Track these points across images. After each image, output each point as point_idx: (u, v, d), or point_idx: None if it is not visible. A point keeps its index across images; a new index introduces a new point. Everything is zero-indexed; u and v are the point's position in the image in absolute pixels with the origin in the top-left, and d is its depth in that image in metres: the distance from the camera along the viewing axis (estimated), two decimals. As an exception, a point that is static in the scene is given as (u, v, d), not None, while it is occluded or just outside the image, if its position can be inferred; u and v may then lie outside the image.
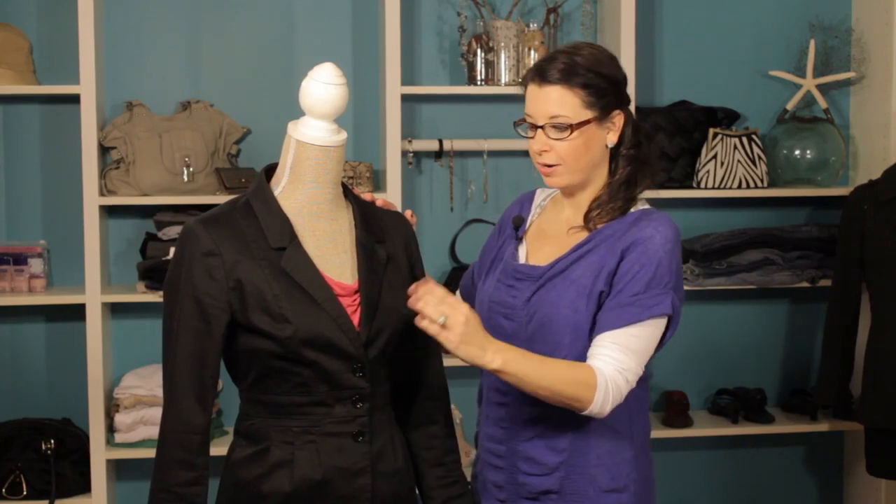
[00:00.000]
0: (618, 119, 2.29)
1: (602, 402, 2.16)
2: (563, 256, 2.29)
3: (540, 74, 2.26)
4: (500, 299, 2.33)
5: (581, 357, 2.22)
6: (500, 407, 2.35)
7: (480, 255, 2.53)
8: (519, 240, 2.40)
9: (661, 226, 2.25)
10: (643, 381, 2.31)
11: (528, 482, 2.31)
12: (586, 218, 2.31)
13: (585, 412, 2.17)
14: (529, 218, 2.45)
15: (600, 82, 2.25)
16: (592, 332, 2.24)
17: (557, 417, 2.27)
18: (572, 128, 2.23)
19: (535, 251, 2.37)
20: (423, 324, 2.07)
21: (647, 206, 2.34)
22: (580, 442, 2.28)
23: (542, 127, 2.26)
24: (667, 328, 2.26)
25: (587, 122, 2.24)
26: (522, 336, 2.29)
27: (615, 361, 2.18)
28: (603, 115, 2.26)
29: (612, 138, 2.30)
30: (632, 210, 2.31)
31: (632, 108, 2.38)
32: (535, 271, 2.31)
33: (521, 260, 2.37)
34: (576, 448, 2.28)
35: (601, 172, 2.32)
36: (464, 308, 2.08)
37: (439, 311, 2.06)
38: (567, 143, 2.24)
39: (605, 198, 2.31)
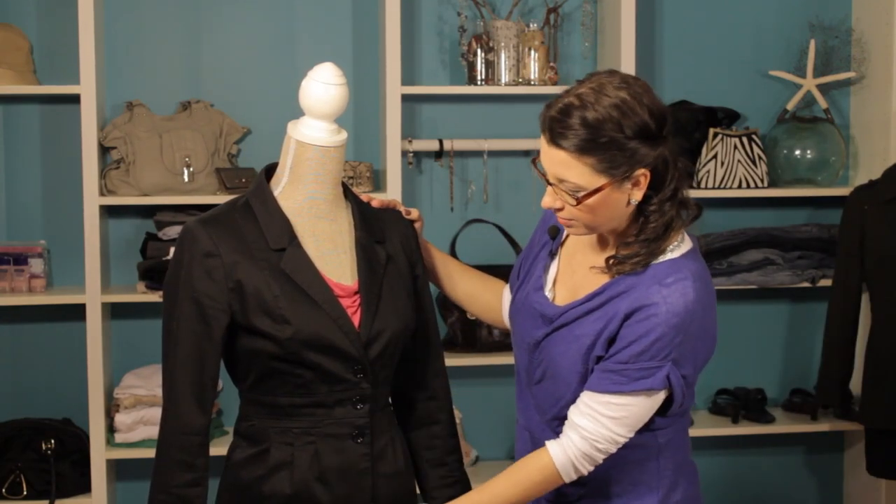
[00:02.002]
0: (643, 179, 2.02)
1: (572, 472, 2.10)
2: (575, 305, 2.13)
3: (550, 132, 2.00)
4: (519, 330, 2.24)
5: None
6: (524, 430, 2.28)
7: (528, 245, 2.37)
8: (553, 255, 2.25)
9: (672, 296, 2.03)
10: (677, 416, 2.19)
11: None
12: (607, 263, 2.10)
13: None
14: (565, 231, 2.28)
15: (619, 143, 1.98)
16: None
17: None
18: (578, 200, 2.01)
19: (564, 278, 2.22)
20: None
21: (678, 253, 2.10)
22: (601, 476, 2.17)
23: (552, 184, 2.04)
24: (672, 399, 2.10)
25: (599, 189, 2.00)
26: (533, 377, 2.21)
27: (584, 431, 2.07)
28: (621, 177, 2.00)
29: (636, 195, 2.03)
30: (657, 261, 2.08)
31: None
32: (549, 312, 2.17)
33: (548, 286, 2.23)
34: (596, 481, 2.18)
35: (630, 220, 2.10)
36: None
37: None
38: (576, 208, 2.03)
39: (631, 250, 2.08)
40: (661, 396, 2.09)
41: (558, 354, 2.13)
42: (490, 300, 2.45)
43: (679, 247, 2.11)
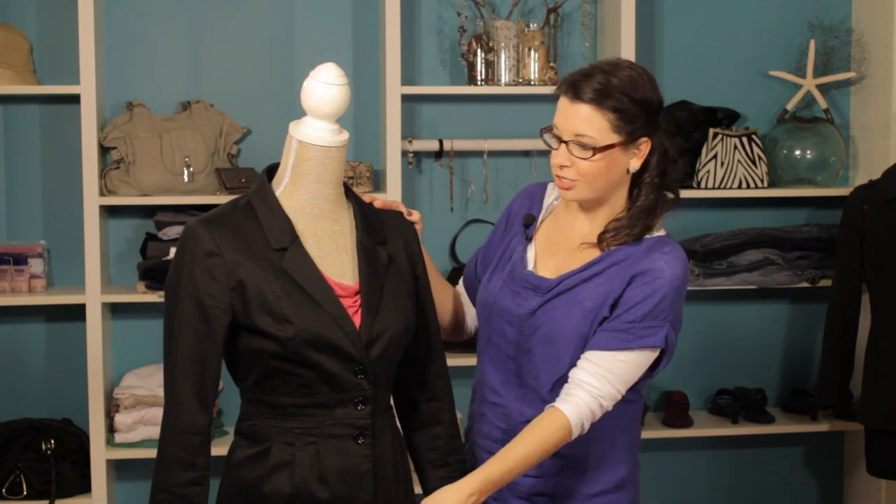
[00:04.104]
0: (644, 146, 2.26)
1: (579, 430, 2.21)
2: (573, 273, 2.28)
3: (574, 89, 2.23)
4: (506, 306, 2.33)
5: None
6: (495, 407, 2.36)
7: (485, 246, 2.51)
8: (528, 240, 2.39)
9: (673, 261, 2.25)
10: (637, 391, 2.34)
11: (521, 482, 2.32)
12: (600, 238, 2.29)
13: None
14: (539, 217, 2.42)
15: (632, 107, 2.22)
16: None
17: None
18: (596, 150, 2.21)
19: (544, 258, 2.36)
20: None
21: (662, 233, 2.32)
22: (577, 447, 2.28)
23: (566, 142, 2.24)
24: (659, 360, 2.28)
25: (612, 146, 2.22)
26: (524, 346, 2.31)
27: (593, 388, 2.21)
28: (629, 140, 2.24)
29: (635, 164, 2.27)
30: (647, 236, 2.29)
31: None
32: (544, 283, 2.30)
33: (530, 265, 2.35)
34: (573, 452, 2.30)
35: (620, 193, 2.31)
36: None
37: None
38: (589, 163, 2.22)
39: (624, 223, 2.28)
40: (654, 356, 2.27)
41: (560, 318, 2.26)
42: (444, 314, 2.51)
43: (661, 229, 2.33)
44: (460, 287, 2.56)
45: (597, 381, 2.21)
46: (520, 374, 2.32)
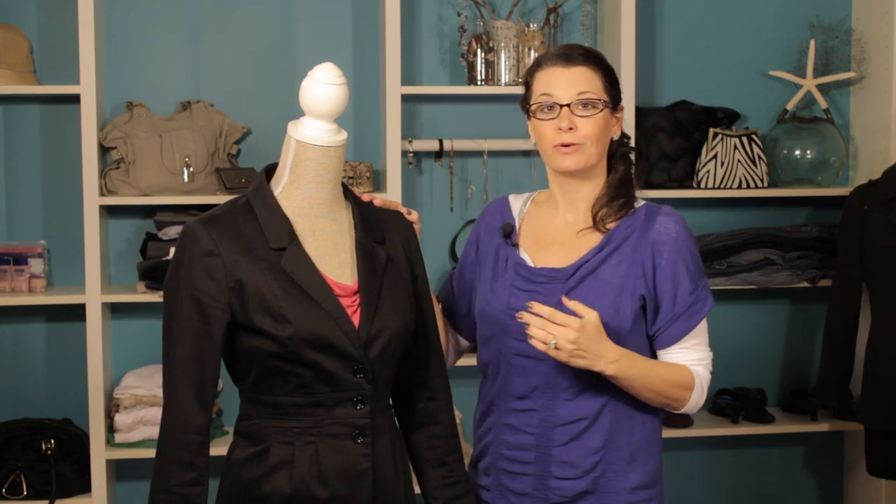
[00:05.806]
0: (621, 114, 2.37)
1: (696, 401, 2.32)
2: (588, 257, 2.29)
3: (566, 57, 2.32)
4: (522, 306, 2.28)
5: None
6: (526, 413, 2.34)
7: (458, 270, 2.50)
8: (514, 246, 2.39)
9: (679, 220, 2.33)
10: None
11: (561, 486, 2.31)
12: (595, 219, 2.33)
13: (676, 411, 2.34)
14: (516, 225, 2.43)
15: (612, 74, 2.35)
16: (631, 332, 2.28)
17: (591, 417, 2.30)
18: (603, 104, 2.29)
19: (541, 256, 2.35)
20: (534, 343, 2.18)
21: (644, 202, 2.38)
22: (613, 440, 2.30)
23: (567, 105, 2.29)
24: None
25: (608, 103, 2.32)
26: None
27: (704, 360, 2.34)
28: (614, 104, 2.34)
29: (616, 131, 2.36)
30: (636, 205, 2.35)
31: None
32: (560, 273, 2.30)
33: (530, 264, 2.35)
34: (610, 446, 2.30)
35: (602, 166, 2.36)
36: (573, 325, 2.15)
37: (547, 335, 2.16)
38: (593, 120, 2.28)
39: (609, 196, 2.34)
40: None
41: (592, 300, 2.25)
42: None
43: (641, 200, 2.40)
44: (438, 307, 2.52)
45: (700, 353, 2.32)
46: (557, 371, 2.29)
